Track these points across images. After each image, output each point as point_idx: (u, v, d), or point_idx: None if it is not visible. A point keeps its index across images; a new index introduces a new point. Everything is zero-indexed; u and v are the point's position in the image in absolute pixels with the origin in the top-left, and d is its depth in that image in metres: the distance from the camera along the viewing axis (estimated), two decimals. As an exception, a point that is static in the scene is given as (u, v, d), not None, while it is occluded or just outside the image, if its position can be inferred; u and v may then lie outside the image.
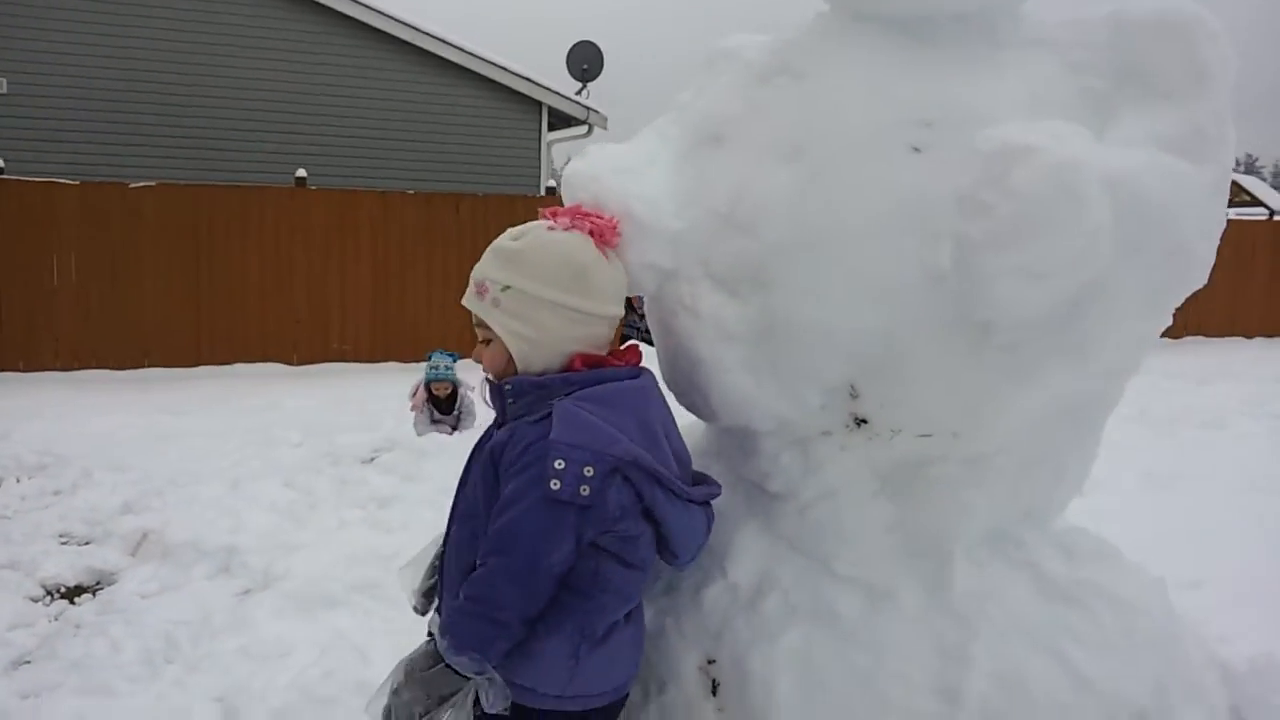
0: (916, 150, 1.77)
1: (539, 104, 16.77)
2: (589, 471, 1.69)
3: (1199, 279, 1.76)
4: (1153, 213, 1.60)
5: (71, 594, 4.93)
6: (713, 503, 1.97)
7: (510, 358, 1.86)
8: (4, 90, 13.99)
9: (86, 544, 5.60)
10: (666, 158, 2.06)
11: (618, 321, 1.92)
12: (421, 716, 1.78)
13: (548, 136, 17.24)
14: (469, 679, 1.70)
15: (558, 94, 16.83)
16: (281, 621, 4.43)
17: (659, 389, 1.93)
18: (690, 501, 1.87)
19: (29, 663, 4.15)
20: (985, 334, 1.68)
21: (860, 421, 1.82)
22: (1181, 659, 1.92)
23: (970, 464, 1.82)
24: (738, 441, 2.00)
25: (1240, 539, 5.19)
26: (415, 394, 7.79)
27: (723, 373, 1.87)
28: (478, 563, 1.76)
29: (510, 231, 1.92)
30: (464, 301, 1.90)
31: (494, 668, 1.74)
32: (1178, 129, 1.70)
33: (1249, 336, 17.14)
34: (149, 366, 12.01)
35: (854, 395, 1.81)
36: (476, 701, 1.77)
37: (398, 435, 7.73)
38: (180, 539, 5.43)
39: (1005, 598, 1.86)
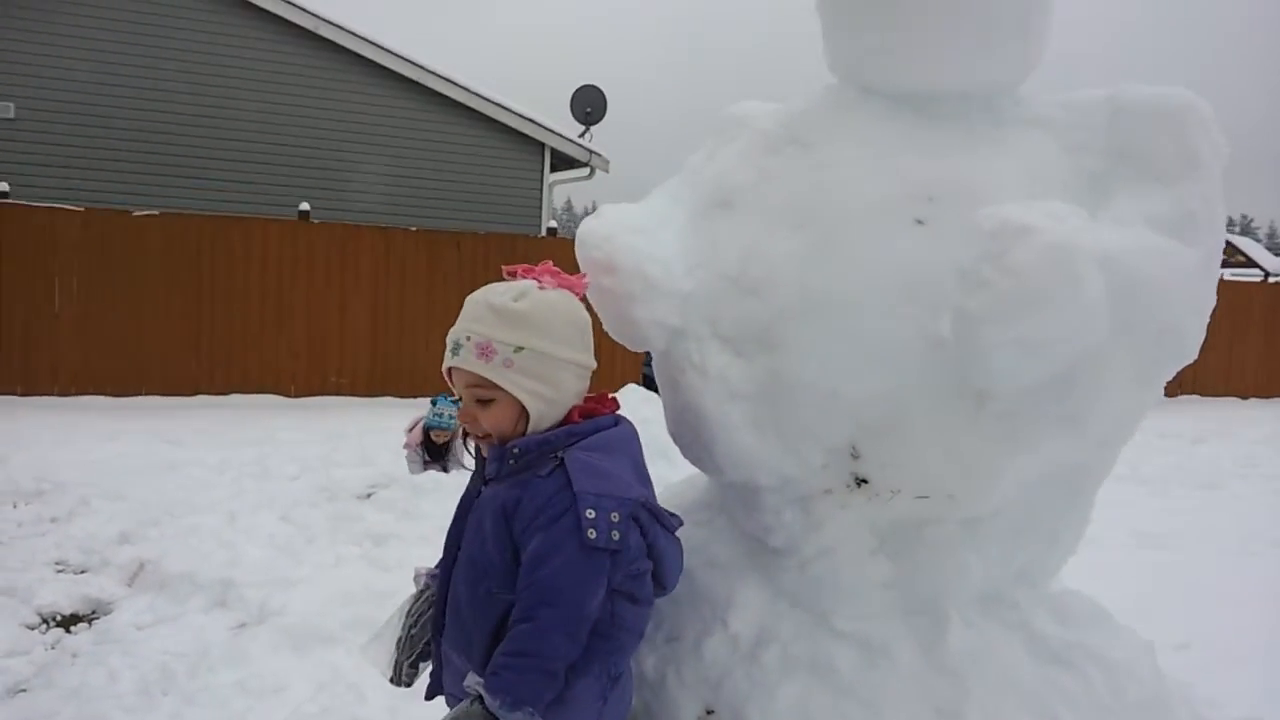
0: (920, 223, 1.85)
1: (542, 145, 16.95)
2: (615, 517, 1.76)
3: (1189, 355, 1.83)
4: (1145, 291, 1.67)
5: (67, 622, 4.94)
6: (714, 555, 2.08)
7: (518, 418, 1.87)
8: (11, 115, 14.12)
9: (83, 572, 5.61)
10: (678, 219, 2.14)
11: None
12: None
13: (550, 177, 17.40)
14: None
15: (561, 135, 17.01)
16: (277, 657, 4.44)
17: (637, 432, 1.99)
18: (672, 533, 1.94)
19: (25, 690, 4.16)
20: (983, 402, 1.75)
21: (861, 481, 1.88)
22: (1169, 722, 1.97)
23: (966, 526, 1.88)
24: (740, 496, 2.06)
25: (1230, 601, 5.22)
26: (411, 431, 7.83)
27: (728, 430, 1.93)
28: (518, 617, 1.77)
29: (499, 290, 1.89)
30: (462, 364, 1.86)
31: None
32: (1170, 211, 1.78)
33: (1244, 397, 17.25)
34: (147, 394, 12.06)
35: (855, 456, 1.87)
36: None
37: (394, 471, 7.76)
38: (177, 570, 5.45)
39: (998, 658, 1.91)
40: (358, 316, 13.20)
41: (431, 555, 2.18)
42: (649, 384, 7.48)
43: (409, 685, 2.15)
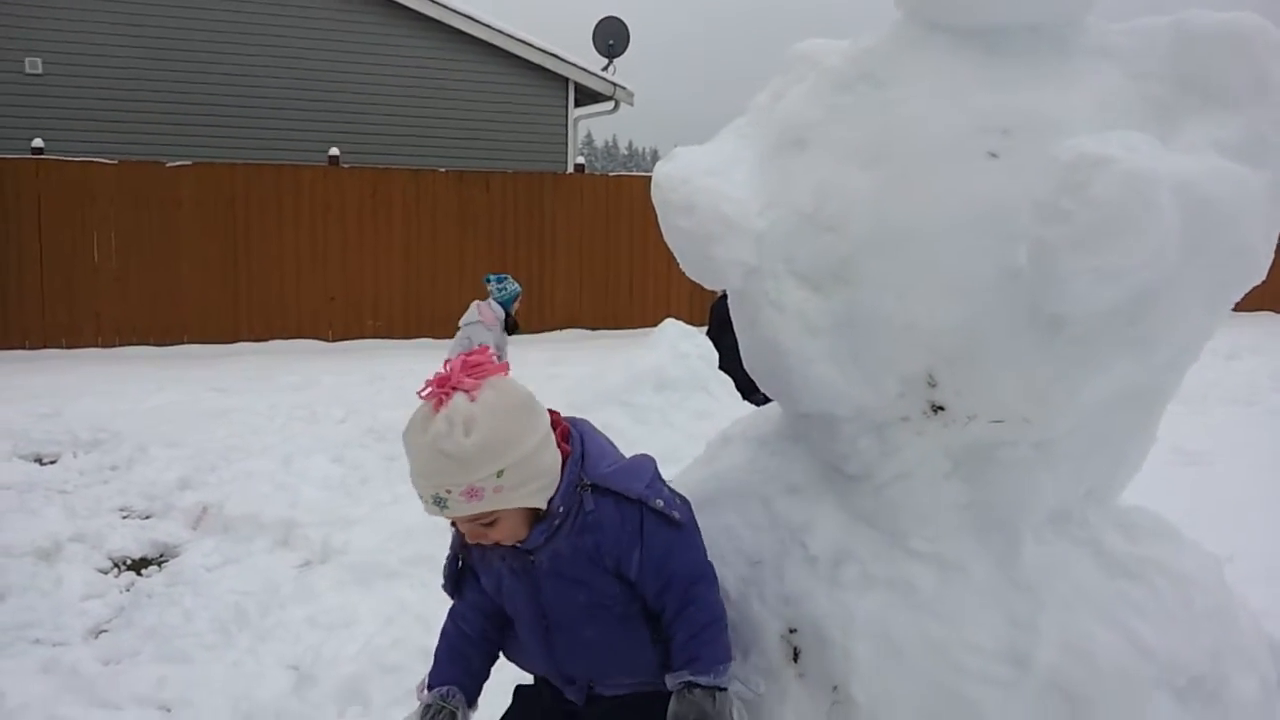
0: (993, 156, 1.89)
1: (565, 80, 16.87)
2: (662, 488, 2.02)
3: (1258, 276, 1.87)
4: (1217, 216, 1.72)
5: (138, 566, 5.14)
6: (791, 481, 2.26)
7: (529, 516, 1.89)
8: (39, 70, 14.17)
9: (147, 518, 5.80)
10: (748, 159, 2.18)
11: None
12: None
13: (574, 112, 17.33)
14: (725, 689, 1.91)
15: (584, 70, 16.90)
16: (343, 593, 4.61)
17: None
18: None
19: (106, 631, 4.35)
20: (1057, 327, 1.80)
21: (937, 408, 1.94)
22: (1235, 630, 2.04)
23: (1039, 447, 1.94)
24: (817, 426, 2.13)
25: (1271, 515, 5.28)
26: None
27: (806, 363, 2.00)
28: (683, 603, 1.95)
29: (441, 432, 1.73)
30: (456, 514, 1.80)
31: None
32: (1239, 136, 1.81)
33: (1279, 311, 17.07)
34: (188, 343, 12.26)
35: (931, 384, 1.93)
36: None
37: (439, 412, 7.88)
38: (239, 513, 5.62)
39: (1070, 572, 1.99)
40: (390, 259, 13.32)
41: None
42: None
43: None
